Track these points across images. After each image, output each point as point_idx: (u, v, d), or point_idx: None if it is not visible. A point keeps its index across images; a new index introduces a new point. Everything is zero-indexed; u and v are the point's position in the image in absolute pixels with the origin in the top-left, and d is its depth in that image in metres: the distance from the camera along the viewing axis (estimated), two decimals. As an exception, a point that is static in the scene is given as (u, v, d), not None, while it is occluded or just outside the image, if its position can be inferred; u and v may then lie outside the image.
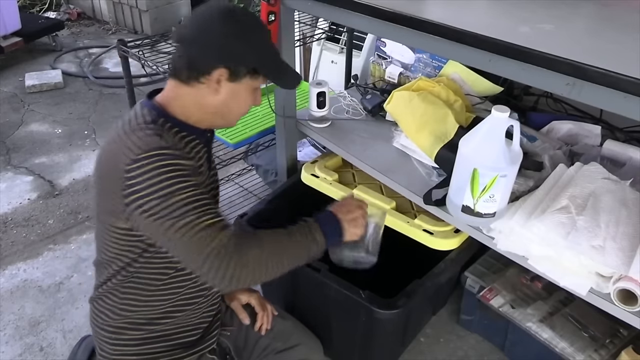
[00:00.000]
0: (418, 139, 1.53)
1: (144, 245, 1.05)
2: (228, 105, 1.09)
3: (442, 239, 1.48)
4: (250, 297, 1.39)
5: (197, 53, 1.04)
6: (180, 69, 1.05)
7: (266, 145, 2.14)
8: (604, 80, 0.94)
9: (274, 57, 1.13)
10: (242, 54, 1.05)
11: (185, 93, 1.07)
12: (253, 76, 1.08)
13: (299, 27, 2.30)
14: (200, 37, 1.04)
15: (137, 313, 1.14)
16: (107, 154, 1.04)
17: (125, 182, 0.96)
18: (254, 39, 1.06)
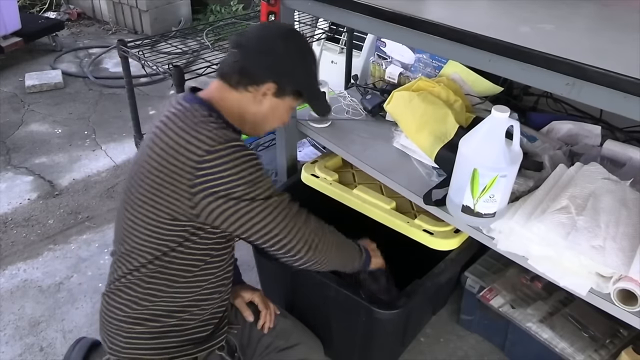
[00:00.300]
0: (418, 139, 1.53)
1: (188, 234, 1.08)
2: (265, 117, 1.17)
3: (442, 239, 1.48)
4: (254, 295, 1.40)
5: (252, 63, 1.10)
6: (232, 73, 1.11)
7: (266, 145, 2.15)
8: (604, 80, 0.94)
9: (315, 84, 1.23)
10: (293, 75, 1.15)
11: (230, 97, 1.13)
12: (295, 96, 1.17)
13: (299, 27, 2.31)
14: (259, 49, 1.11)
15: (157, 304, 1.14)
16: (168, 148, 1.04)
17: (197, 172, 1.01)
18: (305, 64, 1.17)
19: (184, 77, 1.76)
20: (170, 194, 1.04)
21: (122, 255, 1.15)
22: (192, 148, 1.01)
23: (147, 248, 1.10)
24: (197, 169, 1.01)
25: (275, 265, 1.62)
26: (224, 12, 4.56)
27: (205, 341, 1.22)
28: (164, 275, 1.12)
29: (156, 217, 1.07)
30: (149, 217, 1.08)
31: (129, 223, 1.12)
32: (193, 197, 1.03)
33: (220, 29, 3.20)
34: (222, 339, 1.26)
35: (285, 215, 1.09)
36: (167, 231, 1.08)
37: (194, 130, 1.03)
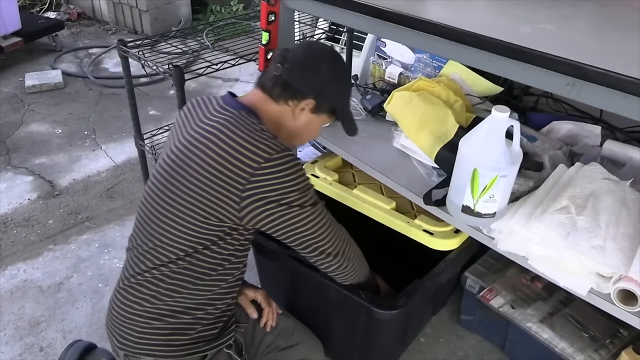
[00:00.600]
0: (418, 139, 1.53)
1: (223, 234, 1.12)
2: (300, 131, 1.23)
3: (442, 239, 1.48)
4: (257, 293, 1.41)
5: (296, 79, 1.17)
6: (275, 86, 1.17)
7: (266, 145, 2.14)
8: (604, 80, 0.94)
9: (349, 105, 1.31)
10: (332, 94, 1.22)
11: (271, 108, 1.19)
12: (329, 114, 1.25)
13: (299, 27, 2.31)
14: (303, 67, 1.17)
15: (177, 300, 1.16)
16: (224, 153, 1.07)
17: (252, 178, 1.05)
18: (344, 85, 1.28)
19: (184, 77, 1.76)
20: (220, 197, 1.07)
21: (148, 250, 1.16)
22: (251, 156, 1.06)
23: (180, 245, 1.12)
24: (253, 175, 1.05)
25: (275, 265, 1.63)
26: (224, 12, 4.56)
27: (215, 339, 1.23)
28: (190, 272, 1.14)
29: (199, 216, 1.09)
30: (191, 216, 1.09)
31: (163, 219, 1.13)
32: (242, 202, 1.07)
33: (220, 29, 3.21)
34: (230, 337, 1.27)
35: (325, 222, 1.17)
36: (205, 230, 1.10)
37: (254, 139, 1.08)
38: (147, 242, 1.16)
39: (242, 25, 2.95)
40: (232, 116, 1.12)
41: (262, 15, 1.51)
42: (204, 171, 1.08)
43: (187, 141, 1.13)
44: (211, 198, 1.07)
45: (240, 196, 1.06)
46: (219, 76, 3.70)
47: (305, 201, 1.11)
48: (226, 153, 1.07)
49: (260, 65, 1.63)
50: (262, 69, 1.64)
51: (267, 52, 1.59)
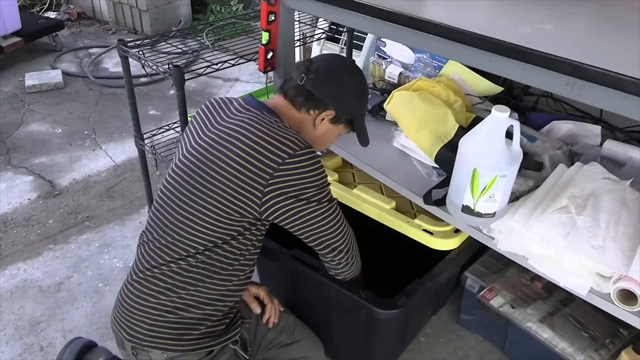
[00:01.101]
0: (418, 139, 1.53)
1: (242, 229, 1.15)
2: (318, 139, 1.28)
3: (442, 239, 1.48)
4: (259, 289, 1.43)
5: (319, 90, 1.21)
6: (298, 95, 1.22)
7: (266, 145, 2.14)
8: (604, 80, 0.94)
9: (364, 117, 1.35)
10: (351, 107, 1.28)
11: (293, 115, 1.23)
12: (347, 125, 1.30)
13: (299, 27, 2.30)
14: (327, 78, 1.22)
15: (191, 294, 1.17)
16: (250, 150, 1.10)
17: (275, 173, 1.09)
18: (363, 98, 1.32)
19: (184, 77, 1.76)
20: (244, 192, 1.10)
21: (166, 244, 1.16)
22: (276, 151, 1.09)
23: (201, 239, 1.13)
24: (277, 170, 1.09)
25: (276, 265, 1.63)
26: (224, 12, 4.56)
27: (222, 334, 1.24)
28: (207, 266, 1.15)
29: (222, 211, 1.11)
30: (214, 211, 1.11)
31: (184, 214, 1.14)
32: (264, 197, 1.10)
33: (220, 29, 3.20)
34: (236, 332, 1.27)
35: (338, 219, 1.22)
36: (227, 224, 1.13)
37: (280, 136, 1.11)
38: (164, 237, 1.17)
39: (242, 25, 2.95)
40: (256, 115, 1.16)
41: (262, 15, 1.51)
42: (229, 167, 1.10)
43: (210, 139, 1.15)
44: (235, 194, 1.10)
45: (263, 191, 1.10)
46: (219, 76, 3.70)
47: (322, 197, 1.15)
48: (252, 149, 1.10)
49: (260, 65, 1.63)
50: (262, 68, 1.64)
51: (267, 52, 1.59)
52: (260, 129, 1.12)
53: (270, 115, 1.17)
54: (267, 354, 1.39)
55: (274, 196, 1.10)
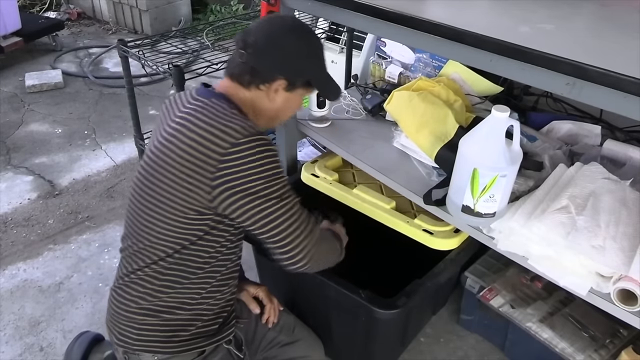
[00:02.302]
0: (418, 138, 1.53)
1: (208, 228, 1.10)
2: (279, 111, 1.20)
3: (442, 239, 1.48)
4: (258, 289, 1.42)
5: (263, 63, 1.12)
6: (242, 74, 1.13)
7: (266, 145, 2.14)
8: (604, 80, 0.94)
9: (324, 71, 1.23)
10: (303, 69, 1.17)
11: (243, 96, 1.15)
12: (306, 87, 1.20)
13: (299, 27, 2.30)
14: (267, 47, 1.12)
15: (172, 296, 1.15)
16: (192, 142, 1.05)
17: (220, 164, 1.02)
18: (314, 55, 1.19)
19: (184, 76, 1.77)
20: (192, 187, 1.05)
21: (138, 250, 1.16)
22: (218, 141, 1.03)
23: (168, 242, 1.11)
24: (221, 162, 1.02)
25: (276, 265, 1.63)
26: (224, 11, 4.56)
27: (215, 334, 1.23)
28: (182, 267, 1.14)
29: (178, 211, 1.08)
30: (171, 212, 1.09)
31: (148, 219, 1.12)
32: (213, 191, 1.04)
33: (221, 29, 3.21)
34: (230, 332, 1.27)
35: (294, 220, 1.10)
36: (189, 224, 1.09)
37: (220, 124, 1.05)
38: (137, 243, 1.16)
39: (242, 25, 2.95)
40: (201, 105, 1.10)
41: (262, 15, 1.51)
42: (176, 163, 1.06)
43: (162, 138, 1.11)
44: (185, 190, 1.06)
45: (211, 185, 1.04)
46: (219, 76, 3.68)
47: (270, 192, 1.05)
48: (193, 141, 1.05)
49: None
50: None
51: (267, 52, 1.59)
52: (202, 118, 1.07)
53: (217, 102, 1.10)
54: (267, 353, 1.39)
55: (221, 191, 1.04)
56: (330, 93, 1.28)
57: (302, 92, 1.20)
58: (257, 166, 1.03)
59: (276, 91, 1.15)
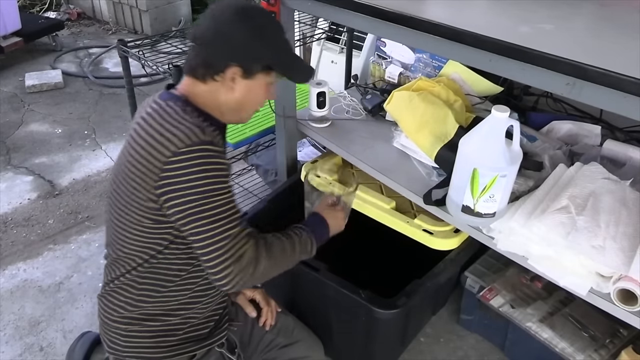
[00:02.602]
0: (418, 139, 1.53)
1: (172, 237, 1.07)
2: (242, 101, 1.12)
3: (442, 238, 1.48)
4: (255, 292, 1.41)
5: (211, 52, 1.07)
6: (196, 67, 1.08)
7: (266, 145, 2.14)
8: (604, 80, 0.94)
9: (286, 53, 1.15)
10: (255, 52, 1.08)
11: (202, 90, 1.10)
12: (266, 72, 1.11)
13: (299, 27, 2.30)
14: (214, 36, 1.07)
15: (154, 305, 1.15)
16: (141, 149, 1.03)
17: (162, 173, 0.99)
18: (266, 37, 1.09)
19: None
20: (141, 195, 1.03)
21: (115, 259, 1.15)
22: (161, 148, 0.99)
23: (136, 251, 1.10)
24: (162, 170, 0.99)
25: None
26: (224, 12, 4.56)
27: (206, 338, 1.23)
28: (156, 276, 1.12)
29: (135, 219, 1.06)
30: (130, 221, 1.08)
31: (116, 228, 1.12)
32: (158, 199, 1.01)
33: (220, 29, 3.20)
34: (222, 336, 1.26)
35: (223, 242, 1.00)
36: (151, 233, 1.07)
37: (166, 129, 1.01)
38: (115, 251, 1.16)
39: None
40: (156, 109, 1.07)
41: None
42: (128, 171, 1.05)
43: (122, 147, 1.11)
44: (136, 199, 1.04)
45: (155, 193, 1.01)
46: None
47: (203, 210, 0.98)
48: (142, 148, 1.02)
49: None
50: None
51: (267, 52, 1.59)
52: (152, 124, 1.03)
53: (171, 106, 1.05)
54: (265, 355, 1.38)
55: (165, 200, 1.00)
56: (295, 75, 1.19)
57: (264, 77, 1.11)
58: (193, 179, 0.98)
59: (233, 80, 1.08)
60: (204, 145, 0.99)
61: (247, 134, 1.98)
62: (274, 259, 1.09)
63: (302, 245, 1.17)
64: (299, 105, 1.89)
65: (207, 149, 0.99)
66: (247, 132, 1.99)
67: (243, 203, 2.26)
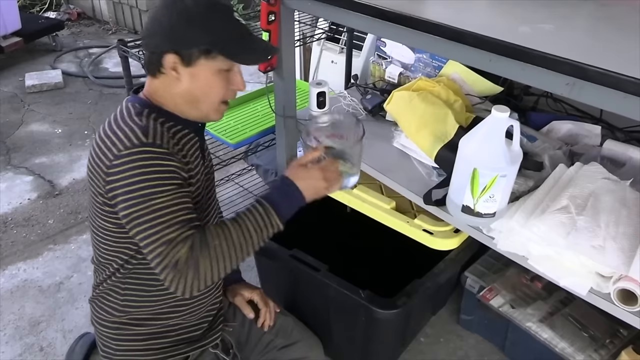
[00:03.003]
0: (418, 139, 1.53)
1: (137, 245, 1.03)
2: (193, 92, 1.05)
3: (442, 239, 1.48)
4: (253, 293, 1.39)
5: (147, 43, 1.05)
6: (147, 64, 1.07)
7: (266, 145, 2.14)
8: (604, 80, 0.94)
9: (228, 33, 1.04)
10: (187, 36, 1.01)
11: (156, 86, 1.07)
12: (208, 57, 1.02)
13: (299, 27, 2.30)
14: (147, 27, 1.04)
15: (139, 310, 1.14)
16: (95, 152, 1.03)
17: (107, 177, 0.98)
18: (198, 19, 1.01)
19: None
20: (100, 200, 1.03)
21: (97, 264, 1.16)
22: (106, 152, 0.99)
23: (110, 256, 1.10)
24: (107, 174, 0.99)
25: (275, 265, 1.63)
26: (224, 12, 4.56)
27: (199, 340, 1.22)
28: (135, 281, 1.11)
29: (104, 225, 1.06)
30: (100, 226, 1.07)
31: (92, 233, 1.13)
32: (111, 202, 1.01)
33: (220, 29, 3.20)
34: (216, 337, 1.25)
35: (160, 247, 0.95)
36: (119, 239, 1.06)
37: (112, 133, 1.00)
38: (95, 257, 1.16)
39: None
40: (115, 112, 1.07)
41: (262, 15, 1.51)
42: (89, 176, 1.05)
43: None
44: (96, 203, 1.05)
45: (107, 196, 1.01)
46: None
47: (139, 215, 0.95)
48: (94, 152, 1.03)
49: (260, 65, 1.63)
50: (262, 69, 1.64)
51: (267, 52, 1.59)
52: (104, 127, 1.03)
53: (126, 107, 1.05)
54: (264, 357, 1.37)
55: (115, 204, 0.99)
56: (242, 57, 1.06)
57: (208, 63, 1.03)
58: (131, 183, 0.96)
59: (175, 70, 1.03)
60: (144, 147, 0.97)
61: (247, 134, 1.98)
62: (218, 252, 0.97)
63: (260, 222, 1.02)
64: (299, 105, 1.89)
65: (148, 151, 0.97)
66: (247, 132, 1.98)
67: (243, 203, 2.27)
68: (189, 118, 1.10)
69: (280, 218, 1.03)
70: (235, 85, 1.09)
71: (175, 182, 0.99)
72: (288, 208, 1.05)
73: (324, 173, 1.07)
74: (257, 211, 1.03)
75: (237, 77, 1.08)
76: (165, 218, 0.96)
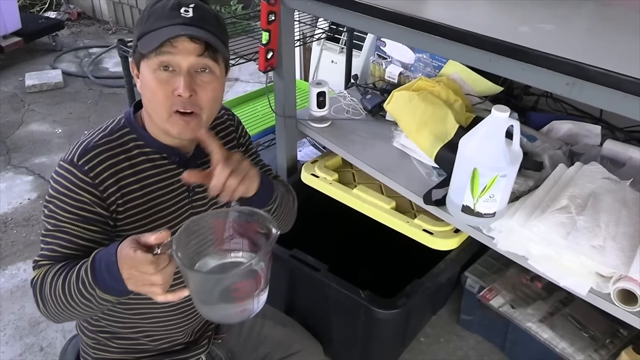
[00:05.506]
0: (418, 138, 1.53)
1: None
2: (144, 96, 0.97)
3: (442, 239, 1.48)
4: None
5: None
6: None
7: (266, 145, 2.14)
8: (604, 80, 0.94)
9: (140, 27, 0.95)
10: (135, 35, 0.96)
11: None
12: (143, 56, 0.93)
13: (299, 27, 2.30)
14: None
15: (110, 323, 1.11)
16: None
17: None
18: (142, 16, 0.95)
19: (184, 77, 1.76)
20: None
21: None
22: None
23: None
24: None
25: (275, 265, 1.62)
26: (224, 11, 4.55)
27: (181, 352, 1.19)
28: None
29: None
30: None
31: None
32: None
33: (220, 29, 3.19)
34: (200, 351, 1.21)
35: (42, 256, 0.97)
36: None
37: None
38: None
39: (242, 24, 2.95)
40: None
41: (262, 15, 1.51)
42: None
43: None
44: None
45: None
46: (219, 76, 3.70)
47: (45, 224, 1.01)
48: None
49: (261, 65, 1.63)
50: (262, 68, 1.64)
51: (267, 51, 1.59)
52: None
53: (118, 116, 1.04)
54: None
55: None
56: (142, 47, 0.93)
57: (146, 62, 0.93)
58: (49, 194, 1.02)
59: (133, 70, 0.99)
60: (70, 167, 0.97)
61: (247, 134, 1.98)
62: (50, 302, 0.91)
63: (79, 286, 0.87)
64: (299, 105, 1.89)
65: (71, 172, 0.97)
66: (247, 132, 1.98)
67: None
68: (158, 139, 1.01)
69: (98, 293, 0.87)
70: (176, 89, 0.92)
71: (81, 213, 0.97)
72: (103, 289, 0.86)
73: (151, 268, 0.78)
74: (80, 274, 0.88)
75: (178, 80, 0.92)
76: (46, 243, 0.98)
